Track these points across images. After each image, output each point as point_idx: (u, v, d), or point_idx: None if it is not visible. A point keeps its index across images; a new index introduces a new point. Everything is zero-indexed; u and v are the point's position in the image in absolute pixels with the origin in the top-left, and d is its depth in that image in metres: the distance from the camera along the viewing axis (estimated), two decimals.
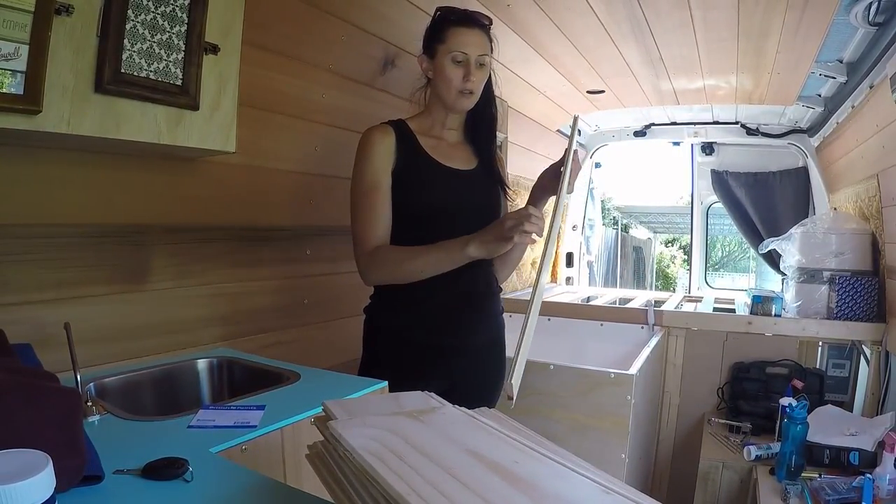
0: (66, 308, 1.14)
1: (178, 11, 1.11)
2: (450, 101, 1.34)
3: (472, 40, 1.31)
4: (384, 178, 1.30)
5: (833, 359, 2.52)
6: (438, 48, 1.32)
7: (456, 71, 1.30)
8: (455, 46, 1.30)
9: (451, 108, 1.36)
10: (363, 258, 1.29)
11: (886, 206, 2.18)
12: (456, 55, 1.30)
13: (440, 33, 1.33)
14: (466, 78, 1.30)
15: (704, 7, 1.95)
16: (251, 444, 0.88)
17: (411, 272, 1.27)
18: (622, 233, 10.83)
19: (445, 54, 1.31)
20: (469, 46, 1.30)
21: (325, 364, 1.62)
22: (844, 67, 2.34)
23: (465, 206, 1.35)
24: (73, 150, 1.14)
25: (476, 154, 1.44)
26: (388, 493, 0.48)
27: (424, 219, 1.33)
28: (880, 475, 1.57)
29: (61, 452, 0.56)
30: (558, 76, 2.76)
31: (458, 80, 1.30)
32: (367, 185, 1.30)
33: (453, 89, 1.31)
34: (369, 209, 1.29)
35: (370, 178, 1.30)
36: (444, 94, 1.34)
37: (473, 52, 1.30)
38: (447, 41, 1.31)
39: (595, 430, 1.71)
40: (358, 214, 1.31)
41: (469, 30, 1.32)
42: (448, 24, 1.32)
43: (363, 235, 1.29)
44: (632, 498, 0.49)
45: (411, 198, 1.32)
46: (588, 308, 2.82)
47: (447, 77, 1.31)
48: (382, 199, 1.30)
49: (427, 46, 1.36)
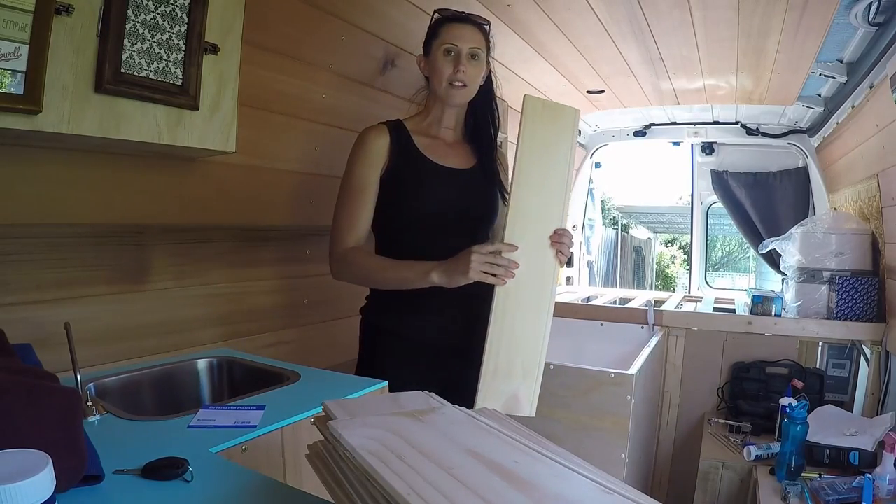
0: (66, 308, 1.14)
1: (178, 11, 1.11)
2: (441, 93, 1.35)
3: (463, 33, 1.33)
4: (371, 180, 1.33)
5: (833, 359, 2.52)
6: (433, 44, 1.36)
7: (447, 63, 1.32)
8: (446, 39, 1.33)
9: (444, 102, 1.37)
10: (335, 257, 1.33)
11: (886, 206, 2.18)
12: (448, 47, 1.32)
13: (435, 30, 1.36)
14: (456, 69, 1.31)
15: (704, 7, 1.95)
16: (251, 444, 0.88)
17: (375, 283, 1.33)
18: (622, 233, 10.83)
19: (438, 48, 1.34)
20: (459, 39, 1.32)
21: (325, 364, 1.62)
22: (844, 67, 2.34)
23: (458, 204, 1.35)
24: (73, 150, 1.14)
25: (476, 153, 1.44)
26: (388, 493, 0.48)
27: (418, 217, 1.33)
28: (880, 475, 1.56)
29: (61, 452, 0.56)
30: (558, 76, 2.76)
31: (449, 71, 1.32)
32: (353, 187, 1.33)
33: (444, 81, 1.33)
34: (351, 210, 1.32)
35: (357, 179, 1.33)
36: (436, 87, 1.35)
37: (464, 45, 1.32)
38: (440, 36, 1.34)
39: (595, 430, 1.71)
40: (339, 213, 1.34)
41: (461, 24, 1.34)
42: (442, 22, 1.36)
43: (340, 235, 1.32)
44: (632, 498, 0.49)
45: (405, 196, 1.32)
46: (588, 308, 2.82)
47: (439, 69, 1.33)
48: (366, 201, 1.32)
49: (424, 46, 1.39)
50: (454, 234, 1.35)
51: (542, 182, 1.21)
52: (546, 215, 1.21)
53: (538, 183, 1.20)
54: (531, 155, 1.21)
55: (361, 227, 1.33)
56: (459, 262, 1.17)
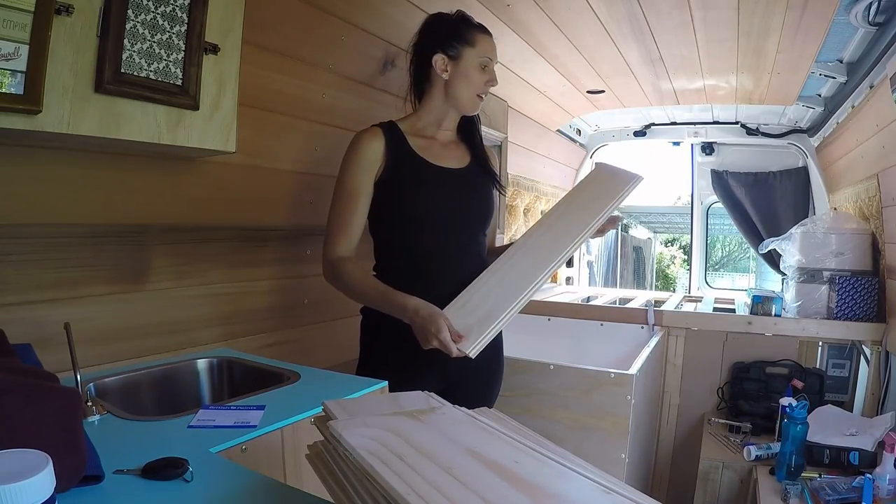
0: (66, 308, 1.14)
1: (178, 11, 1.11)
2: (466, 103, 1.38)
3: (494, 49, 1.39)
4: (364, 186, 1.33)
5: (833, 359, 2.52)
6: (466, 51, 1.35)
7: (481, 76, 1.36)
8: (485, 52, 1.36)
9: (464, 110, 1.41)
10: (327, 263, 1.34)
11: (886, 206, 2.18)
12: (484, 61, 1.36)
13: (469, 37, 1.36)
14: (490, 83, 1.37)
15: (704, 7, 1.95)
16: (251, 444, 0.88)
17: (357, 299, 1.36)
18: (622, 233, 10.81)
19: (474, 58, 1.35)
20: (494, 53, 1.38)
21: (325, 364, 1.62)
22: (844, 67, 2.34)
23: (456, 204, 1.36)
24: (73, 150, 1.14)
25: (470, 151, 1.44)
26: (388, 493, 0.48)
27: (416, 219, 1.33)
28: (880, 475, 1.56)
29: (61, 452, 0.56)
30: (558, 76, 2.76)
31: (481, 84, 1.37)
32: (346, 192, 1.33)
33: (474, 92, 1.37)
34: (343, 215, 1.33)
35: (350, 184, 1.33)
36: (462, 95, 1.37)
37: (495, 60, 1.39)
38: (477, 46, 1.36)
39: (595, 429, 1.71)
40: (333, 217, 1.35)
41: (491, 38, 1.39)
42: (475, 30, 1.37)
43: (332, 240, 1.34)
44: (632, 498, 0.49)
45: (402, 198, 1.32)
46: (588, 308, 2.82)
47: (472, 80, 1.36)
48: (359, 206, 1.33)
49: (449, 46, 1.36)
50: (452, 234, 1.35)
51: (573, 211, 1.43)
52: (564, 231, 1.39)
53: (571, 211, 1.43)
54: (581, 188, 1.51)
55: (353, 233, 1.34)
56: (421, 330, 1.20)
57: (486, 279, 1.32)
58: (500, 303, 1.25)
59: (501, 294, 1.27)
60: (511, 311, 1.24)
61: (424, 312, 1.20)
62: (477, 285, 1.31)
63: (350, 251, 1.33)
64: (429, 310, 1.20)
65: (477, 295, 1.29)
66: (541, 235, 1.41)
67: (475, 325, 1.21)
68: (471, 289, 1.30)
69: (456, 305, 1.27)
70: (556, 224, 1.42)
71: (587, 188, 1.50)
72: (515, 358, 1.76)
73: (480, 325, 1.21)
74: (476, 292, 1.29)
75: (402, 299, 1.23)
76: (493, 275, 1.33)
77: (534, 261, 1.33)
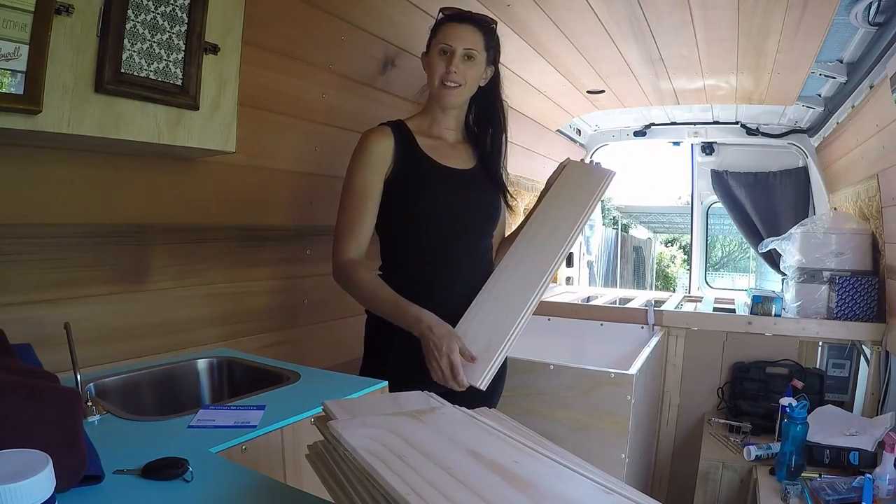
0: (66, 308, 1.14)
1: (178, 11, 1.11)
2: (434, 93, 1.36)
3: (459, 33, 1.33)
4: (374, 185, 1.32)
5: (833, 359, 2.52)
6: (432, 43, 1.36)
7: (440, 62, 1.32)
8: (442, 38, 1.33)
9: (437, 102, 1.37)
10: (336, 264, 1.33)
11: (886, 206, 2.18)
12: (443, 47, 1.32)
13: (435, 27, 1.37)
14: (448, 69, 1.31)
15: (704, 7, 1.94)
16: (251, 444, 0.88)
17: (368, 306, 1.35)
18: (622, 233, 10.83)
19: (434, 47, 1.34)
20: (454, 39, 1.32)
21: (325, 364, 1.62)
22: (844, 67, 2.34)
23: (462, 205, 1.35)
24: (73, 150, 1.14)
25: (476, 153, 1.44)
26: (389, 493, 0.48)
27: (424, 219, 1.33)
28: (880, 475, 1.56)
29: (61, 452, 0.56)
30: (558, 76, 2.76)
31: (442, 70, 1.32)
32: (356, 192, 1.32)
33: (436, 80, 1.33)
34: (353, 216, 1.32)
35: (359, 185, 1.32)
36: (431, 86, 1.36)
37: (459, 45, 1.32)
38: (437, 35, 1.35)
39: (595, 430, 1.71)
40: (342, 218, 1.33)
41: (459, 24, 1.34)
42: (443, 21, 1.36)
43: (341, 243, 1.32)
44: (632, 498, 0.49)
45: (410, 199, 1.32)
46: (588, 308, 2.81)
47: (433, 69, 1.34)
48: (369, 206, 1.32)
49: (427, 45, 1.39)
50: (459, 235, 1.35)
51: (558, 215, 1.43)
52: (554, 233, 1.39)
53: (555, 215, 1.43)
54: (558, 191, 1.49)
55: (363, 234, 1.32)
56: (436, 350, 1.19)
57: (481, 304, 1.31)
58: (499, 327, 1.25)
59: (500, 317, 1.26)
60: (512, 337, 1.24)
61: (438, 330, 1.19)
62: (473, 311, 1.30)
63: (360, 253, 1.32)
64: (443, 328, 1.20)
65: (475, 323, 1.28)
66: (527, 247, 1.40)
67: (480, 356, 1.21)
68: (468, 316, 1.29)
69: (459, 332, 1.26)
70: (539, 233, 1.42)
71: (563, 190, 1.49)
72: (515, 358, 1.75)
73: (484, 357, 1.21)
74: (473, 320, 1.28)
75: (415, 311, 1.23)
76: (488, 295, 1.32)
77: (525, 278, 1.33)
